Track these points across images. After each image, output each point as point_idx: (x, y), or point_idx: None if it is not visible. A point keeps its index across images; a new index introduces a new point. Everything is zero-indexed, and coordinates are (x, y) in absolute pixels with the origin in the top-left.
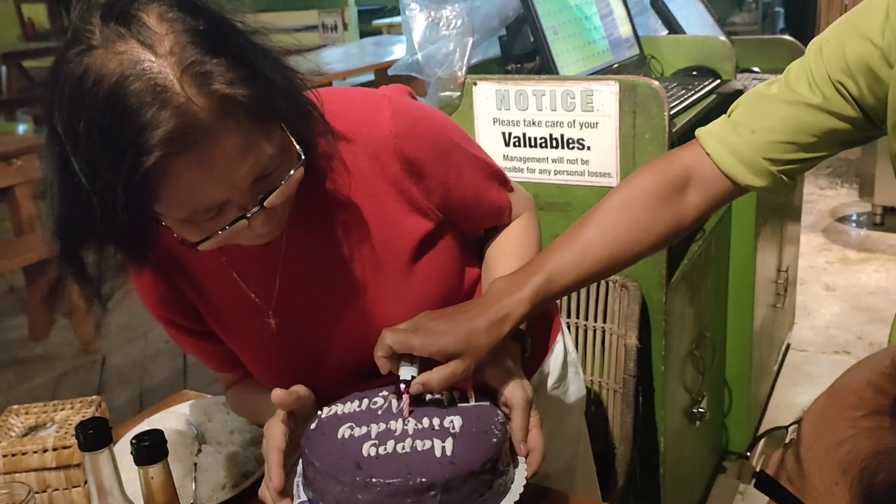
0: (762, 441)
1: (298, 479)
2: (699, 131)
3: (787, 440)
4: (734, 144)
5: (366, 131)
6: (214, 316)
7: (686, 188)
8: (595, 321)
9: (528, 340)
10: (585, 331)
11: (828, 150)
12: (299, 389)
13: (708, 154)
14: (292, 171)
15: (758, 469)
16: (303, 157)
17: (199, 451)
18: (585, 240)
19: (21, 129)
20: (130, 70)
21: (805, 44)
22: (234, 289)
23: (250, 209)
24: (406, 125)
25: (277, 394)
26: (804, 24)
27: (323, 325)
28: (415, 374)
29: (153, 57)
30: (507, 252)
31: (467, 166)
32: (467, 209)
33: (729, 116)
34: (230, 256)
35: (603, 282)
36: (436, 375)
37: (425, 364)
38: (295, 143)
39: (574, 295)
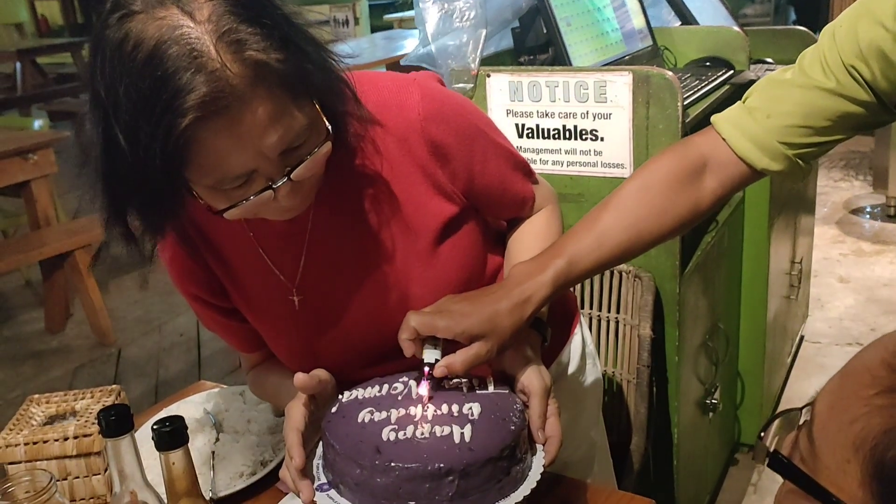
0: (776, 422)
1: (318, 462)
2: (714, 117)
3: (801, 422)
4: (750, 129)
5: (395, 113)
6: (239, 292)
7: (702, 173)
8: (609, 312)
9: (547, 330)
10: (599, 321)
11: (842, 133)
12: (321, 374)
13: (724, 139)
14: (320, 146)
15: (771, 449)
16: (331, 132)
17: (217, 439)
18: (604, 225)
19: (36, 124)
20: (169, 35)
21: (818, 35)
22: (260, 265)
23: (277, 181)
24: (434, 109)
25: (300, 378)
26: (816, 17)
27: (345, 304)
28: (438, 357)
29: (192, 23)
30: (528, 244)
31: (493, 154)
32: (491, 197)
33: (744, 102)
34: (257, 232)
35: (616, 272)
36: (459, 357)
37: (448, 348)
38: (324, 118)
39: (588, 285)
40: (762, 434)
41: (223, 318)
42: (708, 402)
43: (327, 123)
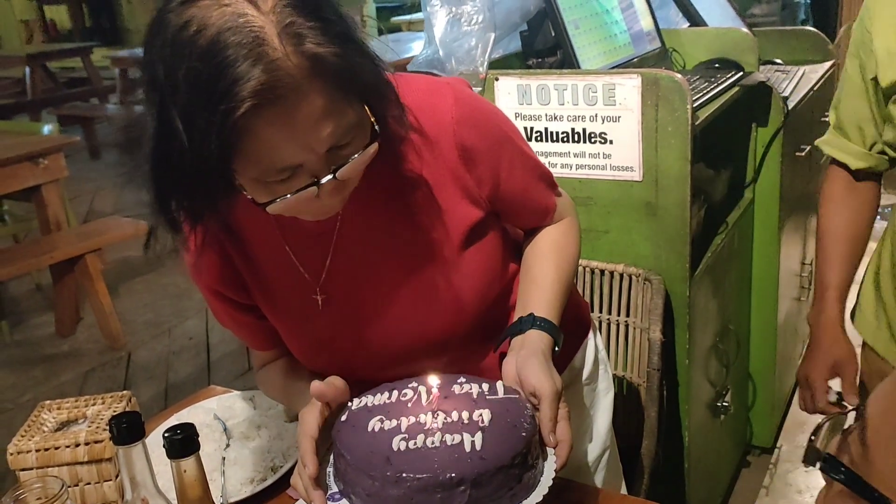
0: (825, 426)
1: (329, 469)
2: (820, 143)
3: (846, 426)
4: (834, 141)
5: (428, 115)
6: (261, 288)
7: (854, 185)
8: (619, 315)
9: (561, 336)
10: (609, 325)
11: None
12: (336, 381)
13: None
14: (367, 147)
15: (825, 453)
16: (378, 133)
17: (227, 445)
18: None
19: (46, 129)
20: (233, 22)
21: (828, 35)
22: (286, 263)
23: (322, 178)
24: (466, 113)
25: (317, 386)
26: (826, 15)
27: (368, 305)
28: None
29: (255, 12)
30: (545, 252)
31: (519, 163)
32: (514, 204)
33: (832, 125)
34: (284, 229)
35: (626, 275)
36: None
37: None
38: (372, 119)
39: (597, 289)
40: (813, 437)
41: (240, 315)
42: (719, 404)
43: (375, 124)
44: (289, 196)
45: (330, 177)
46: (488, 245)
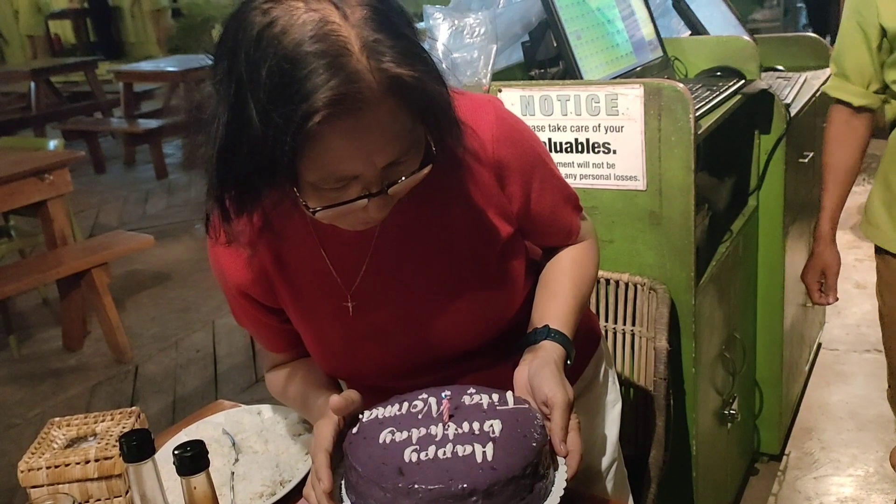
0: None
1: (341, 482)
2: (826, 88)
3: None
4: (838, 85)
5: (469, 132)
6: (291, 292)
7: (852, 121)
8: (625, 324)
9: (573, 351)
10: (615, 334)
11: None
12: (353, 396)
13: (833, 98)
14: (421, 168)
15: None
16: (434, 155)
17: (236, 460)
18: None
19: (52, 144)
20: (319, 28)
21: (828, 41)
22: (319, 267)
23: (374, 191)
24: (506, 131)
25: (336, 401)
26: (826, 19)
27: (398, 315)
28: None
29: (343, 21)
30: (564, 268)
31: (549, 183)
32: (541, 223)
33: (834, 73)
34: (322, 234)
35: (632, 284)
36: None
37: None
38: (431, 140)
39: (603, 298)
40: None
41: (262, 316)
42: (726, 412)
43: (433, 146)
44: (339, 205)
45: (382, 192)
46: (516, 261)
